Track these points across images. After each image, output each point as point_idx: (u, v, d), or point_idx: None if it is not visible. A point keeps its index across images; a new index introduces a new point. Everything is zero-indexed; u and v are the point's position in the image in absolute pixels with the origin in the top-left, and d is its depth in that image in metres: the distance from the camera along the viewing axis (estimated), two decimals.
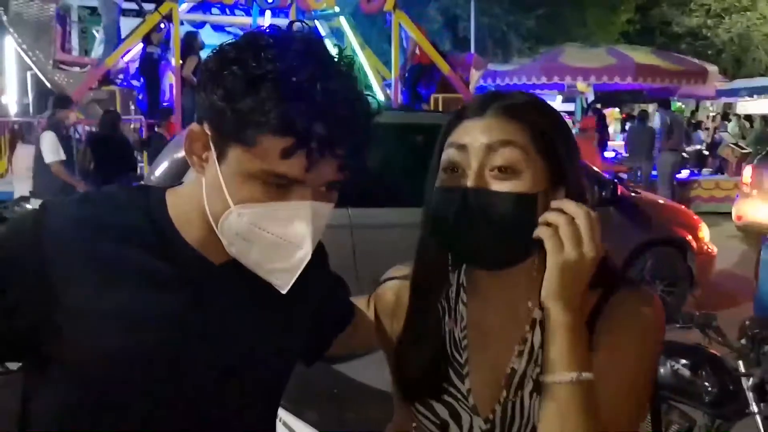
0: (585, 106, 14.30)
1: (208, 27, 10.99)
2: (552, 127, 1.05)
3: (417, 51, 9.45)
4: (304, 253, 0.99)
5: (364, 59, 10.42)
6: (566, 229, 0.97)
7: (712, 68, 15.60)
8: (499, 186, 1.00)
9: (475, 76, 9.89)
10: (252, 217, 0.97)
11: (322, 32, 10.90)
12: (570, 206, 0.99)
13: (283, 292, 1.03)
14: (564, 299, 0.98)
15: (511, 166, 1.01)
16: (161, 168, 5.13)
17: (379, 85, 9.98)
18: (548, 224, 0.99)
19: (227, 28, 11.43)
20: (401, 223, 5.14)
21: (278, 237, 0.98)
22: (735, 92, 17.76)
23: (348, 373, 2.91)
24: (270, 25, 1.04)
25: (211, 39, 11.65)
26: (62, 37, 10.11)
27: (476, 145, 1.02)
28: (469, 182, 1.01)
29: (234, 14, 10.94)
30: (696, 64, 15.35)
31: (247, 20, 10.88)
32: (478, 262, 1.08)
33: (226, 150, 0.97)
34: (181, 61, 8.69)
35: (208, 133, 0.99)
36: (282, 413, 2.42)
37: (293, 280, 1.02)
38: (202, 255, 1.06)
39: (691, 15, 22.44)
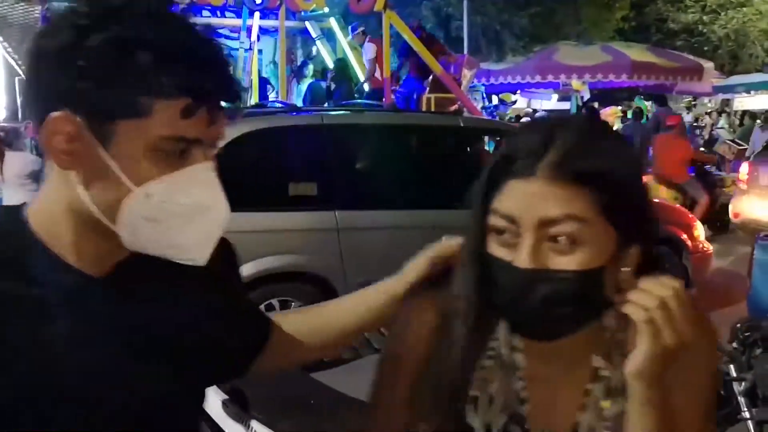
0: (580, 104, 14.22)
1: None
2: (623, 186, 0.90)
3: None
4: (220, 214, 0.94)
5: (354, 61, 10.34)
6: (660, 315, 0.87)
7: (708, 64, 15.53)
8: (558, 261, 0.88)
9: (467, 75, 9.80)
10: (162, 193, 0.88)
11: (313, 33, 10.80)
12: (659, 289, 0.88)
13: (202, 263, 0.95)
14: (652, 377, 0.90)
15: (572, 238, 0.88)
16: None
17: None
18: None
19: (219, 31, 11.36)
20: (389, 226, 5.10)
21: (192, 205, 0.91)
22: (732, 88, 17.71)
23: (325, 381, 2.83)
24: None
25: None
26: None
27: (529, 221, 0.88)
28: (523, 263, 0.88)
29: (224, 16, 10.85)
30: (692, 61, 15.29)
31: (237, 22, 10.78)
32: (536, 336, 0.96)
33: (110, 130, 0.86)
34: None
35: (77, 118, 0.86)
36: (255, 424, 2.34)
37: (212, 247, 0.95)
38: (80, 271, 0.94)
39: (687, 11, 22.39)
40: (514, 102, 16.68)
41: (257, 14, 9.66)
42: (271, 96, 10.14)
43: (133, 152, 0.87)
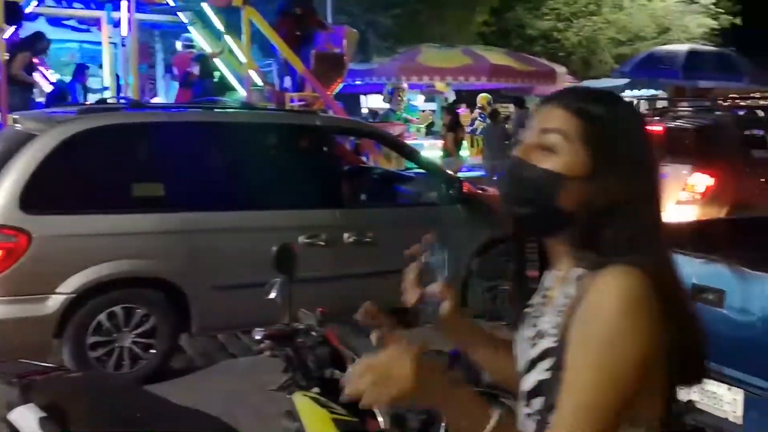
0: (444, 105, 14.61)
1: (42, 20, 10.19)
2: (606, 124, 1.15)
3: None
4: None
5: (234, 46, 10.02)
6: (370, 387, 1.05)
7: (561, 69, 16.44)
8: (536, 159, 1.15)
9: (349, 46, 9.90)
10: None
11: (185, 20, 10.38)
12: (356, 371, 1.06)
13: None
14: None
15: (550, 146, 1.14)
16: None
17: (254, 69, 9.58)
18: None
19: (64, 22, 10.67)
20: (241, 228, 4.95)
21: None
22: None
23: (162, 393, 2.69)
24: None
25: (48, 33, 10.85)
26: None
27: (536, 127, 1.18)
28: (516, 152, 1.19)
29: (72, 6, 10.22)
30: (546, 65, 16.12)
31: (86, 13, 10.20)
32: (516, 223, 1.23)
33: None
34: (6, 57, 7.95)
35: None
36: None
37: None
38: None
39: (543, 18, 23.58)
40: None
41: (124, 6, 9.11)
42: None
43: None
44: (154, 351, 4.66)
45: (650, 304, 1.06)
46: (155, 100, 11.50)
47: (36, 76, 9.30)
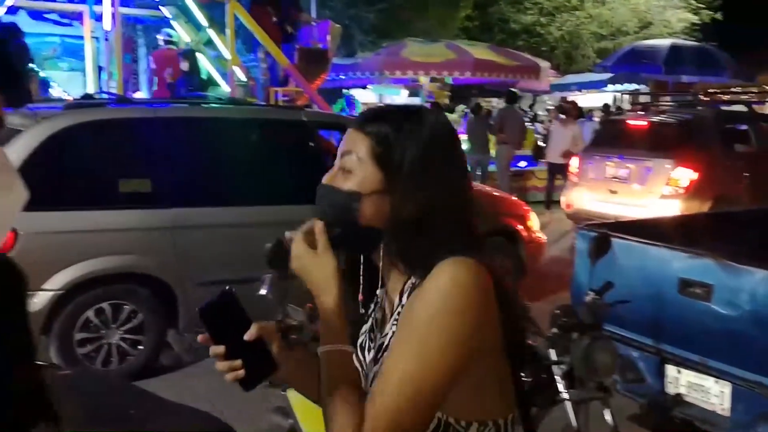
0: (428, 100, 14.59)
1: (23, 14, 10.05)
2: (393, 140, 1.23)
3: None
4: (18, 198, 0.92)
5: (216, 39, 9.93)
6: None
7: (545, 64, 16.49)
8: (338, 183, 1.25)
9: (332, 40, 9.86)
10: None
11: (168, 15, 10.27)
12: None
13: None
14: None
15: (348, 167, 1.24)
16: None
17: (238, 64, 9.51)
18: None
19: (46, 15, 10.53)
20: (228, 224, 4.93)
21: None
22: (567, 87, 18.90)
23: (151, 389, 2.68)
24: None
25: (28, 27, 10.69)
26: None
27: (339, 152, 1.28)
28: (326, 176, 1.27)
29: (54, 0, 10.09)
30: (530, 60, 16.16)
31: (68, 7, 10.08)
32: (333, 240, 1.24)
33: None
34: None
35: None
36: None
37: (6, 232, 0.93)
38: None
39: (526, 12, 23.65)
40: None
41: (107, 0, 9.00)
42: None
43: None
44: (141, 347, 4.64)
45: (476, 288, 1.14)
46: (138, 95, 11.40)
47: None
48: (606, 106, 15.86)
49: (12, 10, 9.38)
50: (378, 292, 1.33)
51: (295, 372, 1.32)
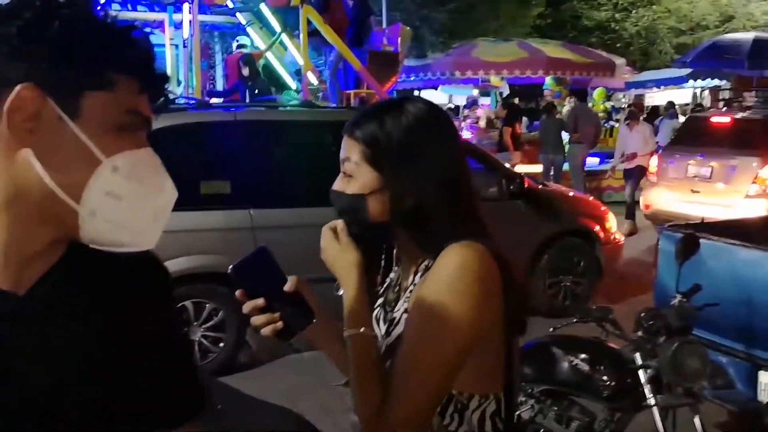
0: (499, 99, 14.47)
1: None
2: (379, 136, 1.30)
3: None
4: (171, 197, 0.95)
5: (289, 45, 10.11)
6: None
7: (620, 61, 16.09)
8: (344, 187, 1.34)
9: (403, 44, 9.91)
10: (128, 167, 0.89)
11: (243, 21, 10.52)
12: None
13: (151, 247, 0.94)
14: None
15: (349, 173, 1.33)
16: None
17: (311, 69, 9.68)
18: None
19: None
20: (305, 224, 5.00)
21: (150, 185, 0.93)
22: (643, 84, 18.37)
23: (235, 385, 2.75)
24: None
25: None
26: None
27: (340, 160, 1.35)
28: (336, 182, 1.36)
29: (136, 9, 10.48)
30: (604, 57, 15.79)
31: (150, 16, 10.45)
32: (354, 237, 1.33)
33: (76, 104, 0.87)
34: None
35: (42, 92, 0.85)
36: None
37: (158, 235, 0.94)
38: None
39: (600, 9, 23.14)
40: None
41: (186, 8, 9.30)
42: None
43: (99, 125, 0.88)
44: (222, 344, 4.77)
45: (483, 272, 1.23)
46: (214, 100, 11.71)
47: None
48: (670, 104, 15.32)
49: None
50: (392, 274, 1.47)
51: (323, 334, 1.43)
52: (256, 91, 9.24)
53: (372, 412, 1.23)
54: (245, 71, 9.45)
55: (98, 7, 0.92)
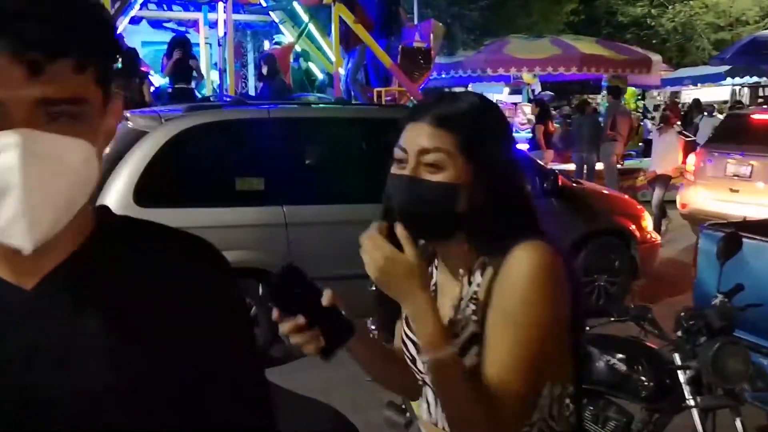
0: (531, 97, 14.34)
1: (145, 23, 10.66)
2: (478, 133, 1.28)
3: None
4: (19, 197, 0.78)
5: (322, 42, 10.17)
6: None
7: (656, 57, 15.81)
8: (429, 177, 1.27)
9: (435, 40, 9.87)
10: None
11: (276, 19, 10.60)
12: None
13: (25, 252, 0.80)
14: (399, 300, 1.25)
15: (437, 163, 1.27)
16: None
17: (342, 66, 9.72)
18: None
19: (165, 24, 11.12)
20: (338, 221, 5.02)
21: None
22: (679, 81, 18.08)
23: (276, 380, 2.76)
24: None
25: (149, 36, 11.33)
26: None
27: (414, 149, 1.28)
28: (408, 172, 1.28)
29: (171, 9, 10.63)
30: (640, 53, 15.54)
31: (185, 15, 10.59)
32: (417, 233, 1.27)
33: None
34: None
35: None
36: None
37: (36, 234, 0.80)
38: (6, 282, 0.87)
39: (635, 4, 22.80)
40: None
41: (221, 8, 9.41)
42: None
43: None
44: (257, 339, 4.81)
45: (557, 271, 1.25)
46: None
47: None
48: (696, 101, 15.01)
49: (135, 20, 9.93)
50: (433, 274, 1.45)
51: (359, 343, 1.37)
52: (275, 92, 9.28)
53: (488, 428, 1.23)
54: (264, 70, 9.53)
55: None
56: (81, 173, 0.82)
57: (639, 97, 17.90)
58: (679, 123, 11.25)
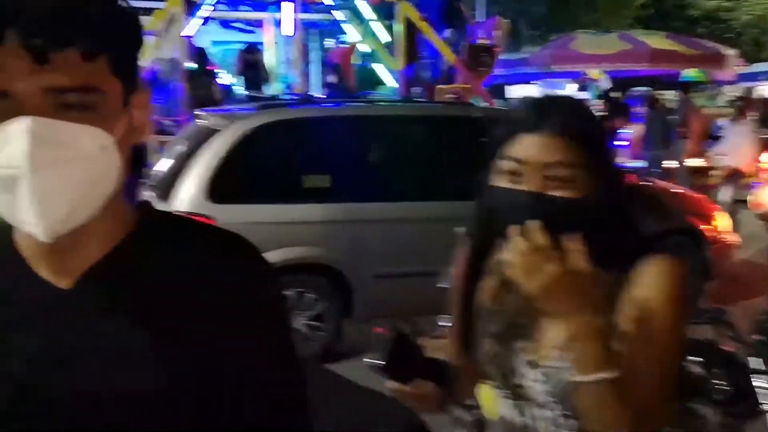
0: (599, 93, 14.04)
1: (214, 23, 10.89)
2: (600, 145, 1.25)
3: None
4: (29, 182, 0.77)
5: (386, 38, 10.21)
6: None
7: (731, 52, 15.26)
8: (555, 192, 1.18)
9: (500, 37, 9.81)
10: None
11: (341, 18, 10.69)
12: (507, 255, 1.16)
13: (44, 239, 0.80)
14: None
15: (565, 178, 1.19)
16: None
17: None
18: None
19: (232, 24, 11.35)
20: (402, 218, 5.06)
21: (5, 170, 0.78)
22: (755, 76, 17.37)
23: (343, 372, 2.82)
24: None
25: (218, 35, 11.59)
26: None
27: (535, 163, 1.19)
28: (530, 187, 1.18)
29: (238, 9, 10.85)
30: (713, 48, 15.03)
31: (252, 15, 10.79)
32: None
33: None
34: None
35: None
36: None
37: (55, 222, 0.80)
38: (46, 281, 0.87)
39: None
40: None
41: (285, 7, 9.55)
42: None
43: None
44: (322, 333, 4.90)
45: (687, 285, 1.23)
46: None
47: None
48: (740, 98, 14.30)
49: (204, 20, 10.17)
50: None
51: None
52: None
53: None
54: (331, 78, 9.64)
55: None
56: (97, 161, 0.81)
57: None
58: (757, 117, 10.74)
